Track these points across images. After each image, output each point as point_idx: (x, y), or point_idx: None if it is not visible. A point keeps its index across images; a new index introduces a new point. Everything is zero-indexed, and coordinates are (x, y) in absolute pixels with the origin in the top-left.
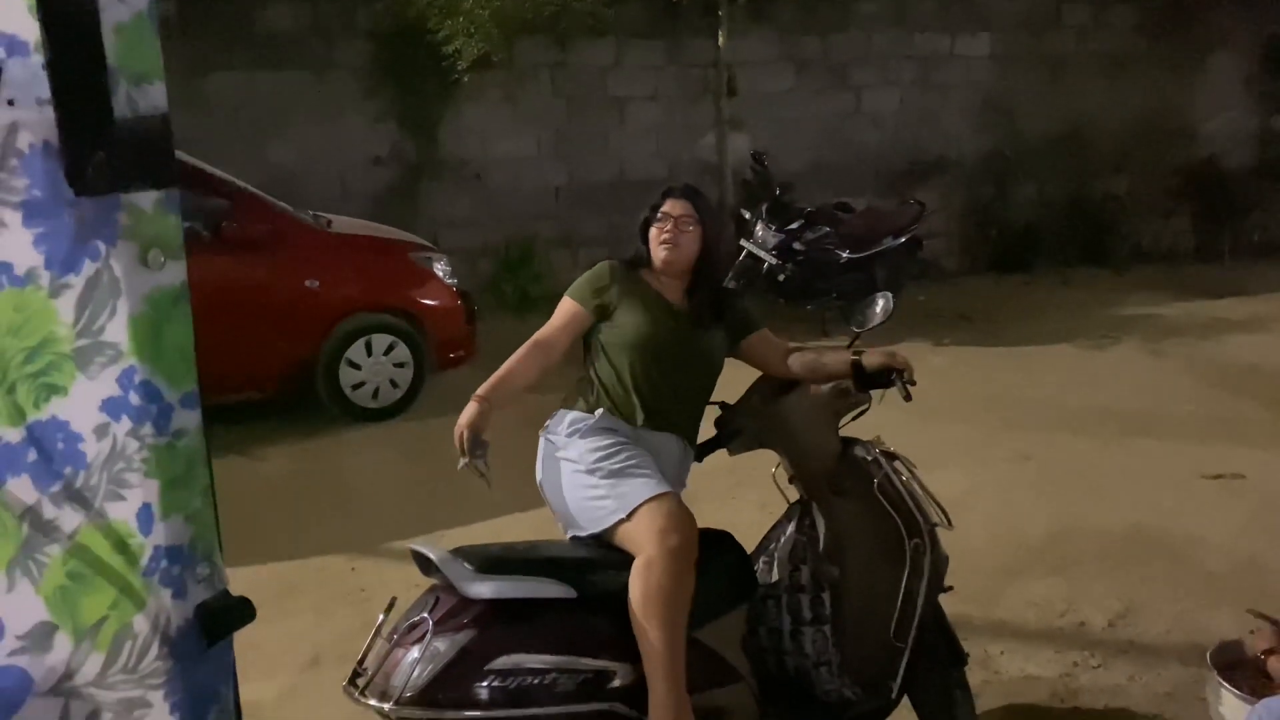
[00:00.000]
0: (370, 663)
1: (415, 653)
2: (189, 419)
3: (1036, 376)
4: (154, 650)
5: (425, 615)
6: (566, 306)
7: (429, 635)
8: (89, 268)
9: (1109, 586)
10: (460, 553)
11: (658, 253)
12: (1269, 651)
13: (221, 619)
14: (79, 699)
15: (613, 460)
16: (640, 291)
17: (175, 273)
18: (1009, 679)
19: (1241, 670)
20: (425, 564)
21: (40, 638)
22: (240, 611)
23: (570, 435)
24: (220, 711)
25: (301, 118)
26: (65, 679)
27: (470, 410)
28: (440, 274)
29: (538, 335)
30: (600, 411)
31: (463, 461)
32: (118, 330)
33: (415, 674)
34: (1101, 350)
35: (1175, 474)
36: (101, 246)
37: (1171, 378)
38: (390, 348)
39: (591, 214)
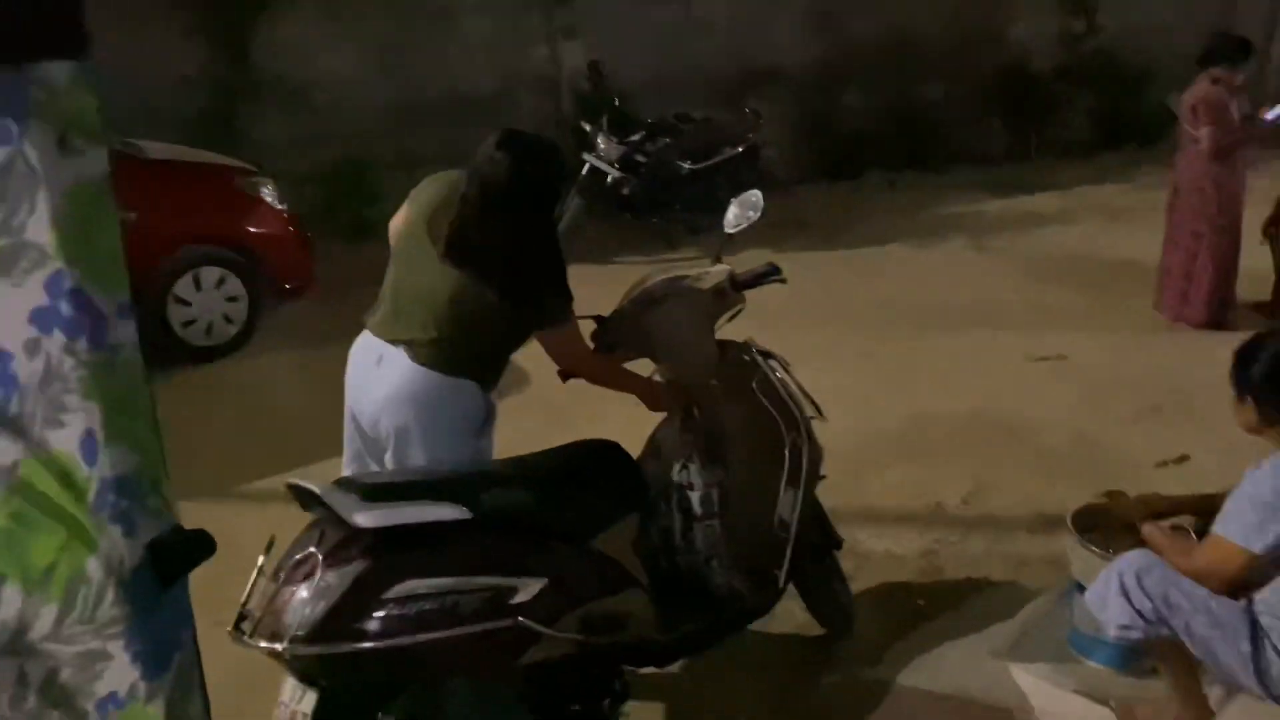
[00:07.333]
0: (255, 605)
1: (305, 590)
2: (126, 332)
3: (873, 278)
4: (109, 596)
5: (313, 549)
6: None
7: (319, 570)
8: (0, 152)
9: (960, 468)
10: (343, 483)
11: None
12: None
13: (176, 556)
14: (35, 657)
15: None
16: None
17: (98, 161)
18: (877, 560)
19: (1097, 532)
20: (306, 498)
21: None
22: (197, 546)
23: None
24: (183, 658)
25: (96, 32)
26: (19, 635)
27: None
28: (269, 199)
29: None
30: None
31: None
32: (40, 229)
33: (308, 611)
34: (929, 249)
35: (1007, 360)
36: (13, 126)
37: (995, 270)
38: (221, 281)
39: (426, 132)
